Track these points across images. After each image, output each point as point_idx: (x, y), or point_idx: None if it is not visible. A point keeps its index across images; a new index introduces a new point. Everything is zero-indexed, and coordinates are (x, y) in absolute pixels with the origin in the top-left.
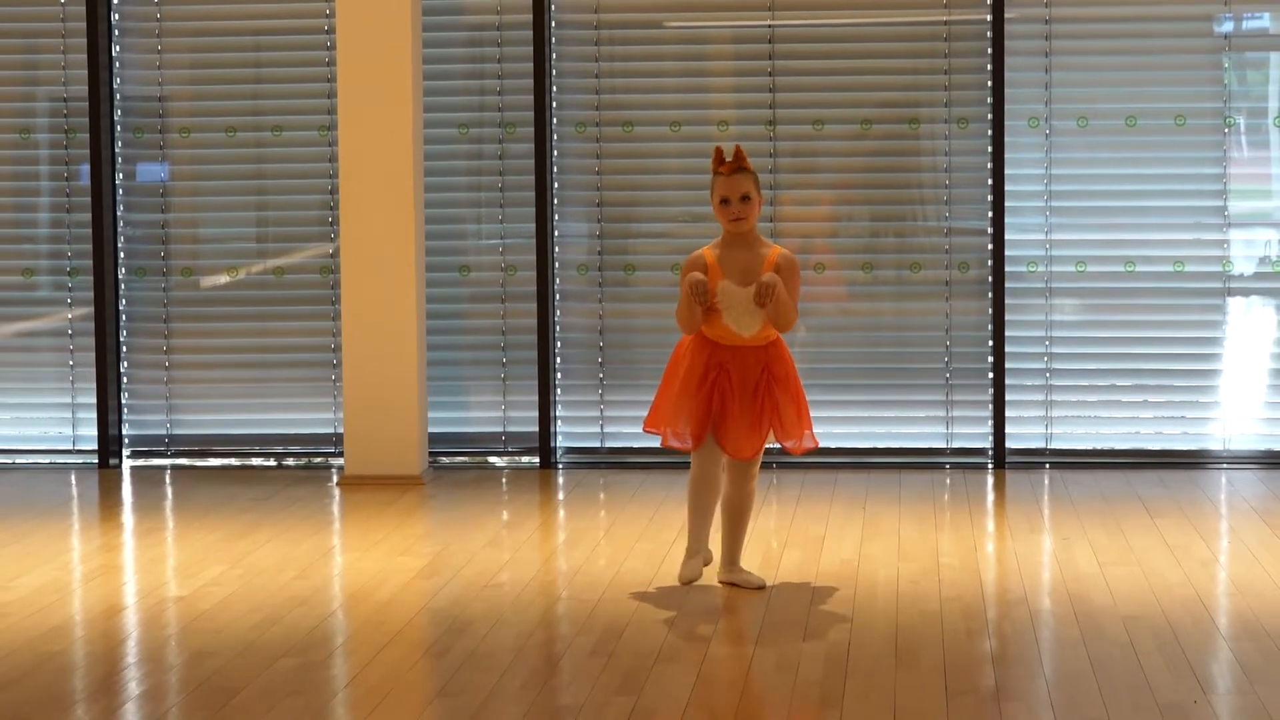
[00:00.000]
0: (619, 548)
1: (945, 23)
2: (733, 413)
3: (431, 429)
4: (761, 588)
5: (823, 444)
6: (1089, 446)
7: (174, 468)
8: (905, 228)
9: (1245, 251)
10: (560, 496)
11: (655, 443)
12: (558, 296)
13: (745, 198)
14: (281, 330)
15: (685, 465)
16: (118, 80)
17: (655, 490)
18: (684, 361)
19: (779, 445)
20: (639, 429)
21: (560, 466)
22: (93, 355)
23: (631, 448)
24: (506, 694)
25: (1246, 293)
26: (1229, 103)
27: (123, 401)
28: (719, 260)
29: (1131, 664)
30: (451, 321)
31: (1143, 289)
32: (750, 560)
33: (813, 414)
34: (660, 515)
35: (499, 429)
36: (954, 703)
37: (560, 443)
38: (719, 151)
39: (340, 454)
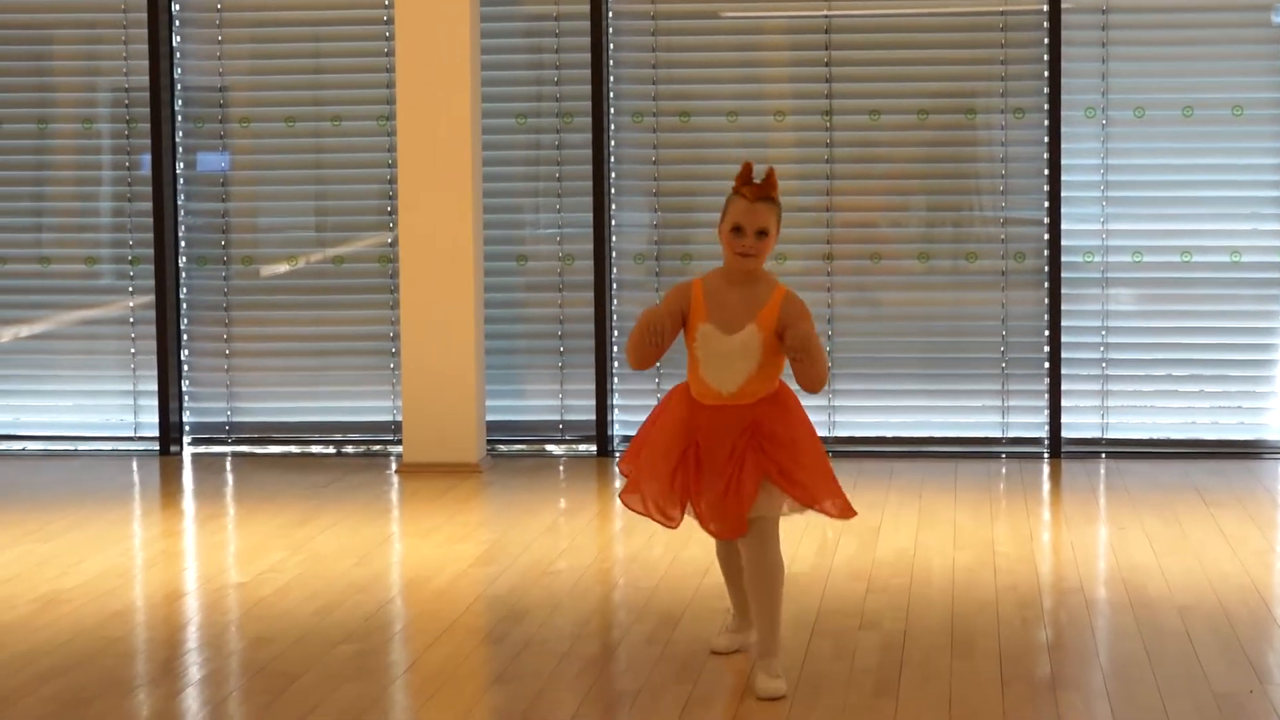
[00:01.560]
0: (675, 535)
1: (1002, 12)
2: (702, 491)
3: (489, 417)
4: (777, 698)
5: (880, 433)
6: (1145, 436)
7: (234, 455)
8: (962, 218)
9: None
10: (617, 484)
11: None
12: (614, 286)
13: (762, 233)
14: (341, 319)
15: None
16: (178, 70)
17: None
18: (664, 422)
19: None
20: None
21: (617, 455)
22: (154, 343)
23: None
24: (563, 681)
25: None
26: None
27: (183, 389)
28: (706, 297)
29: (1187, 653)
30: (509, 310)
31: (1199, 279)
32: (806, 548)
33: (870, 403)
34: None
35: (556, 417)
36: (1009, 691)
37: (617, 431)
38: (748, 169)
39: (399, 442)
